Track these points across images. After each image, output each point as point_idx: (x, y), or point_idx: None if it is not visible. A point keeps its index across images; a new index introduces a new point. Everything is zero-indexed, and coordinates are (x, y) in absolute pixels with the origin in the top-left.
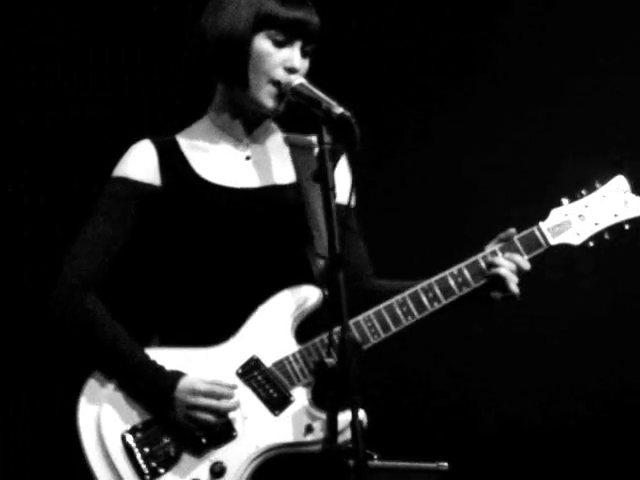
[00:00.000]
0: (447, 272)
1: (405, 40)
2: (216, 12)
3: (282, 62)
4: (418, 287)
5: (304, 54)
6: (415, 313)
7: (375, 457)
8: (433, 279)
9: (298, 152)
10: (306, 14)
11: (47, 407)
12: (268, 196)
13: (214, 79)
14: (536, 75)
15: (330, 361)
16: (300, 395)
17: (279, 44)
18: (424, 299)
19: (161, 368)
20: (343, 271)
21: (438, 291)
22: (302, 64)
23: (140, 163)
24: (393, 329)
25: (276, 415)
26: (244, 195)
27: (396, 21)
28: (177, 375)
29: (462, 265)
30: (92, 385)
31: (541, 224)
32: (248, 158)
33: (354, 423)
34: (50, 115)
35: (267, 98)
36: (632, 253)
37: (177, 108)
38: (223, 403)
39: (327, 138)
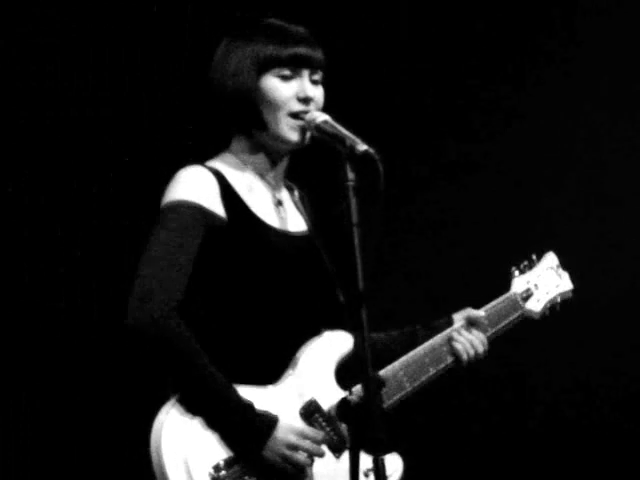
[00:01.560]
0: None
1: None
2: (220, 69)
3: (295, 94)
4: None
5: (314, 83)
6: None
7: None
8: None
9: (293, 197)
10: (307, 48)
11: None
12: (304, 243)
13: (232, 130)
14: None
15: (353, 398)
16: None
17: (286, 78)
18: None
19: (253, 405)
20: (365, 308)
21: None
22: (315, 92)
23: (208, 192)
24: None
25: (337, 458)
26: (292, 240)
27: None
28: (274, 415)
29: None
30: (172, 414)
31: (513, 289)
32: (280, 203)
33: (376, 460)
34: (50, 115)
35: (290, 132)
36: None
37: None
38: (320, 449)
39: (351, 175)
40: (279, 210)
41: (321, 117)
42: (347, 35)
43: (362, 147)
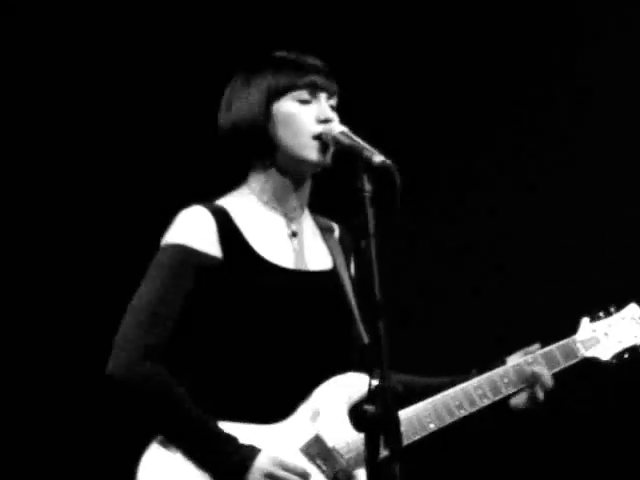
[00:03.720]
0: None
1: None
2: (232, 104)
3: (316, 117)
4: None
5: (331, 108)
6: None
7: None
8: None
9: (326, 235)
10: (321, 77)
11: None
12: (319, 282)
13: (249, 162)
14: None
15: (370, 408)
16: (363, 477)
17: (304, 102)
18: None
19: (236, 439)
20: (383, 319)
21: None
22: (333, 114)
23: (201, 233)
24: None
25: None
26: (300, 278)
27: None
28: (255, 448)
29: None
30: (157, 448)
31: (575, 336)
32: (294, 234)
33: (393, 470)
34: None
35: (312, 153)
36: None
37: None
38: None
39: (367, 186)
40: (293, 243)
41: (338, 128)
42: (360, 50)
43: (379, 158)
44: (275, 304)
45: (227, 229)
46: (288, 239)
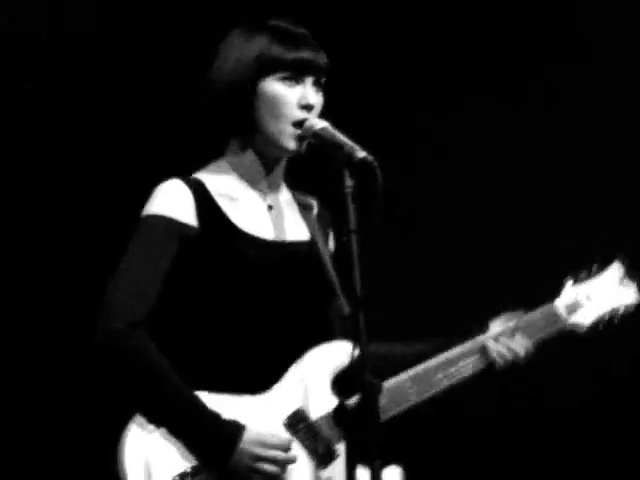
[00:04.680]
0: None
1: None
2: (219, 65)
3: (297, 101)
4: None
5: (317, 88)
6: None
7: None
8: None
9: (303, 209)
10: (311, 53)
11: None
12: (297, 251)
13: (226, 132)
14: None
15: (350, 403)
16: (343, 451)
17: (290, 83)
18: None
19: (219, 416)
20: (363, 313)
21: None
22: (317, 99)
23: (179, 203)
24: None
25: (322, 469)
26: (277, 248)
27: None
28: (240, 425)
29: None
30: (137, 427)
31: (557, 301)
32: (270, 207)
33: (373, 464)
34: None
35: (289, 140)
36: None
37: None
38: (289, 455)
39: (349, 182)
40: (271, 215)
41: (320, 124)
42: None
43: (361, 154)
44: (253, 274)
45: (203, 201)
46: (266, 211)
